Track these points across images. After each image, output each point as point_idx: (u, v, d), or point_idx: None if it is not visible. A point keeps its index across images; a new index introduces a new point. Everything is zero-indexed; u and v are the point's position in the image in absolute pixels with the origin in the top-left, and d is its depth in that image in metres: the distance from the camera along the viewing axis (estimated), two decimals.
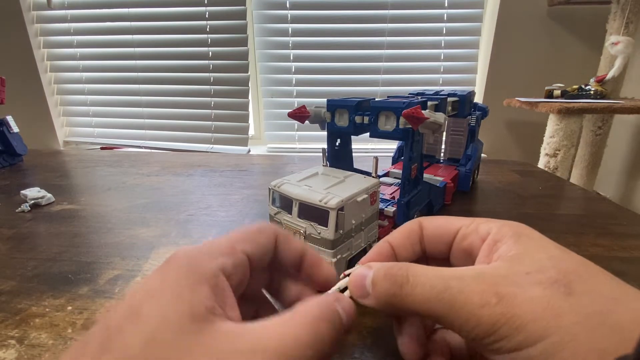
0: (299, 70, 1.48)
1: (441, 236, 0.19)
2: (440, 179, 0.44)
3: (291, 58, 1.47)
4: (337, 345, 0.14)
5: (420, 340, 0.18)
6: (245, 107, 1.50)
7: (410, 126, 0.29)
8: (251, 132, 1.63)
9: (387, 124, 0.31)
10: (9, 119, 0.65)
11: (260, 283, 0.20)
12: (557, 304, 0.13)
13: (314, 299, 0.15)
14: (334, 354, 0.15)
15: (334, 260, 0.24)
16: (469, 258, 0.18)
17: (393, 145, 0.53)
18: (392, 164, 0.51)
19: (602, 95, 1.18)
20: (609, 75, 1.17)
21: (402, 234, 0.20)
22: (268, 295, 0.20)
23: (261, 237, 0.17)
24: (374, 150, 1.48)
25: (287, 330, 0.13)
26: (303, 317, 0.14)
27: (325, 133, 0.35)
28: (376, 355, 0.21)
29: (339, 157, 0.37)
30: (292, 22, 1.42)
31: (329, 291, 0.18)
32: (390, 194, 0.36)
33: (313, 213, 0.24)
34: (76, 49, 1.54)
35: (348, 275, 0.18)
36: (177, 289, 0.13)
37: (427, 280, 0.15)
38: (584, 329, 0.13)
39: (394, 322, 0.19)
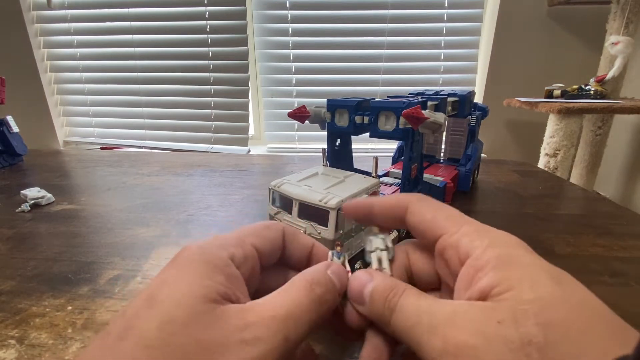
0: (299, 70, 1.48)
1: (424, 234, 0.18)
2: (440, 179, 0.44)
3: (291, 58, 1.47)
4: (333, 305, 0.16)
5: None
6: (245, 107, 1.51)
7: (410, 126, 0.29)
8: (251, 132, 1.63)
9: (387, 124, 0.31)
10: (9, 119, 0.65)
11: (274, 282, 0.19)
12: None
13: (308, 269, 0.17)
14: (329, 313, 0.16)
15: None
16: (448, 272, 0.17)
17: (393, 145, 0.53)
18: (392, 164, 0.51)
19: (602, 95, 1.18)
20: (609, 75, 1.17)
21: (386, 206, 0.19)
22: None
23: (268, 232, 0.18)
24: (374, 150, 1.48)
25: (288, 297, 0.15)
26: (301, 284, 0.16)
27: (325, 133, 0.35)
28: None
29: (339, 157, 0.37)
30: (292, 22, 1.43)
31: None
32: (390, 194, 0.36)
33: (313, 213, 0.24)
34: (76, 49, 1.54)
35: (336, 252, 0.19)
36: (191, 277, 0.14)
37: (408, 311, 0.15)
38: None
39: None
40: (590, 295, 0.13)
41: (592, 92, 1.19)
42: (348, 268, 0.18)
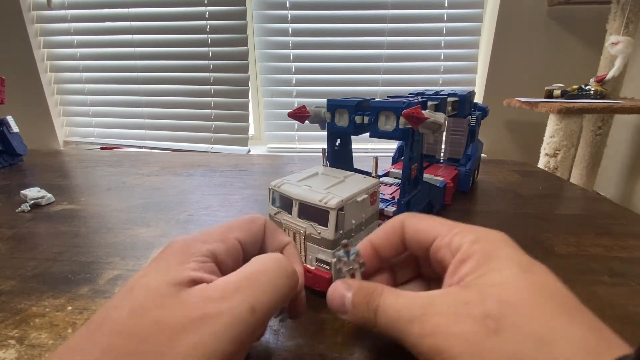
0: (299, 70, 1.48)
1: (419, 242, 0.19)
2: (440, 179, 0.44)
3: (291, 58, 1.47)
4: (297, 284, 0.17)
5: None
6: (245, 107, 1.50)
7: (410, 126, 0.29)
8: (251, 132, 1.63)
9: (387, 124, 0.31)
10: (9, 119, 0.65)
11: None
12: (480, 342, 0.13)
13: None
14: (296, 290, 0.18)
15: (334, 260, 0.24)
16: (443, 269, 0.18)
17: (393, 145, 0.53)
18: (392, 164, 0.51)
19: (602, 95, 1.18)
20: (609, 75, 1.17)
21: (384, 234, 0.21)
22: None
23: (252, 226, 0.19)
24: (374, 150, 1.48)
25: (254, 268, 0.16)
26: (267, 256, 0.17)
27: (325, 133, 0.35)
28: (375, 355, 0.21)
29: (339, 157, 0.37)
30: (292, 22, 1.43)
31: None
32: (390, 194, 0.36)
33: (313, 213, 0.24)
34: (76, 49, 1.54)
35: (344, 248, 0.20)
36: (165, 266, 0.15)
37: (390, 309, 0.16)
38: None
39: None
40: (553, 282, 0.15)
41: (592, 92, 1.19)
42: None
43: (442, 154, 0.55)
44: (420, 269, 0.22)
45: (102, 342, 0.13)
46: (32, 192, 0.46)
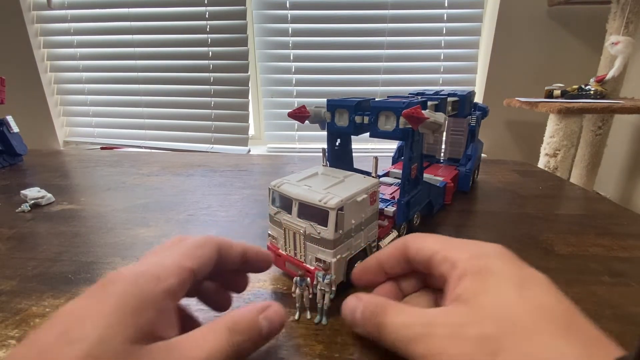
0: (299, 70, 1.48)
1: (420, 260, 0.21)
2: (440, 179, 0.44)
3: (291, 58, 1.47)
4: (256, 347, 0.18)
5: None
6: (245, 107, 1.51)
7: (410, 126, 0.29)
8: (251, 132, 1.63)
9: (387, 124, 0.31)
10: (9, 119, 0.65)
11: (203, 289, 0.22)
12: None
13: (235, 312, 0.17)
14: (253, 351, 0.18)
15: (334, 260, 0.24)
16: (444, 283, 0.19)
17: (393, 145, 0.53)
18: (392, 164, 0.51)
19: (602, 95, 1.18)
20: (609, 75, 1.17)
21: (389, 253, 0.22)
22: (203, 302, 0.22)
23: (203, 251, 0.19)
24: (374, 150, 1.48)
25: (209, 342, 0.15)
26: (222, 330, 0.16)
27: (325, 133, 0.35)
28: (375, 355, 0.21)
29: (339, 157, 0.37)
30: (292, 22, 1.43)
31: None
32: (390, 194, 0.36)
33: (313, 213, 0.24)
34: (76, 49, 1.54)
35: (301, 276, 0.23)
36: (117, 313, 0.13)
37: (392, 328, 0.18)
38: None
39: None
40: (548, 297, 0.15)
41: (592, 92, 1.19)
42: (310, 291, 0.23)
43: (442, 154, 0.55)
44: (427, 280, 0.23)
45: None
46: (32, 192, 0.46)
